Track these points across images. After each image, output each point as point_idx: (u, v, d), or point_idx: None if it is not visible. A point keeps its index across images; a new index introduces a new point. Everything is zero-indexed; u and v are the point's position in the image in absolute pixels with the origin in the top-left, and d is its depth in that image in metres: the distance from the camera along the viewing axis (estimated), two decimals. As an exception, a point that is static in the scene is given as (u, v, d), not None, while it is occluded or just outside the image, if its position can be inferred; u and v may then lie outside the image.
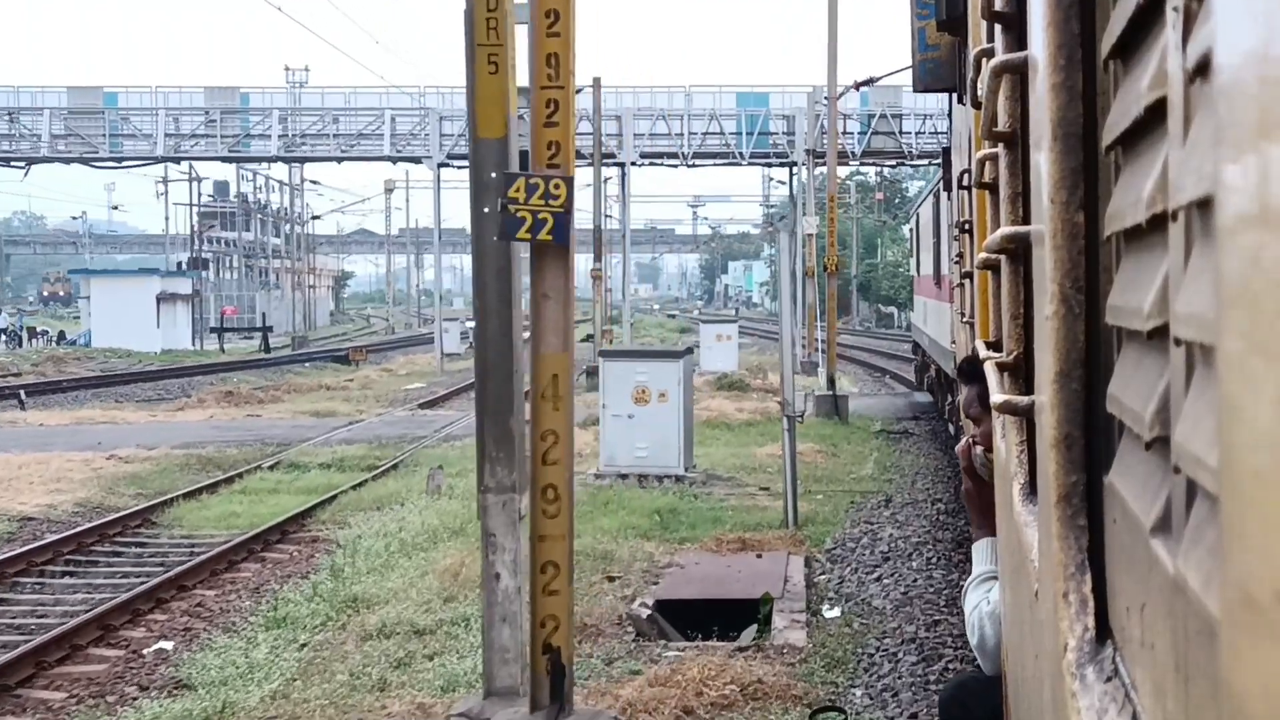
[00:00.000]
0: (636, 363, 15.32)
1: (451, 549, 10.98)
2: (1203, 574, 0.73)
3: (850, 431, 20.79)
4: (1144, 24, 1.01)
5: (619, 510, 12.86)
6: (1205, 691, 0.72)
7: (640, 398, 14.81)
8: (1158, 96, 0.90)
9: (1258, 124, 0.60)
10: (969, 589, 3.47)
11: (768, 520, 12.51)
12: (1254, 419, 0.60)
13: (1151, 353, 0.98)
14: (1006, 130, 2.04)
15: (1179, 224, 0.82)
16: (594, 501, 13.25)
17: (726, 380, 28.96)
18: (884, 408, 25.84)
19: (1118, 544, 1.13)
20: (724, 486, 14.96)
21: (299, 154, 47.01)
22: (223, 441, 20.36)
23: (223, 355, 48.02)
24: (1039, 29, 1.38)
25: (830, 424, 21.53)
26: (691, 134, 43.58)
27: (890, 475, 16.26)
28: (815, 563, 11.01)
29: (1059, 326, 1.28)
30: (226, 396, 28.71)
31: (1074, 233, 1.27)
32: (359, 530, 12.58)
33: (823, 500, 13.94)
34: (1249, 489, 0.61)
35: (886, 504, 13.91)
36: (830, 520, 12.74)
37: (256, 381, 34.20)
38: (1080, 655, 1.18)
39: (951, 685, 4.19)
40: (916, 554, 11.39)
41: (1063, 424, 1.29)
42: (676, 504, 13.35)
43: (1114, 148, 1.14)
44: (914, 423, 22.72)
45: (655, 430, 14.79)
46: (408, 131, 44.35)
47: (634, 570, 10.42)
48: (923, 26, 8.09)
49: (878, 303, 75.93)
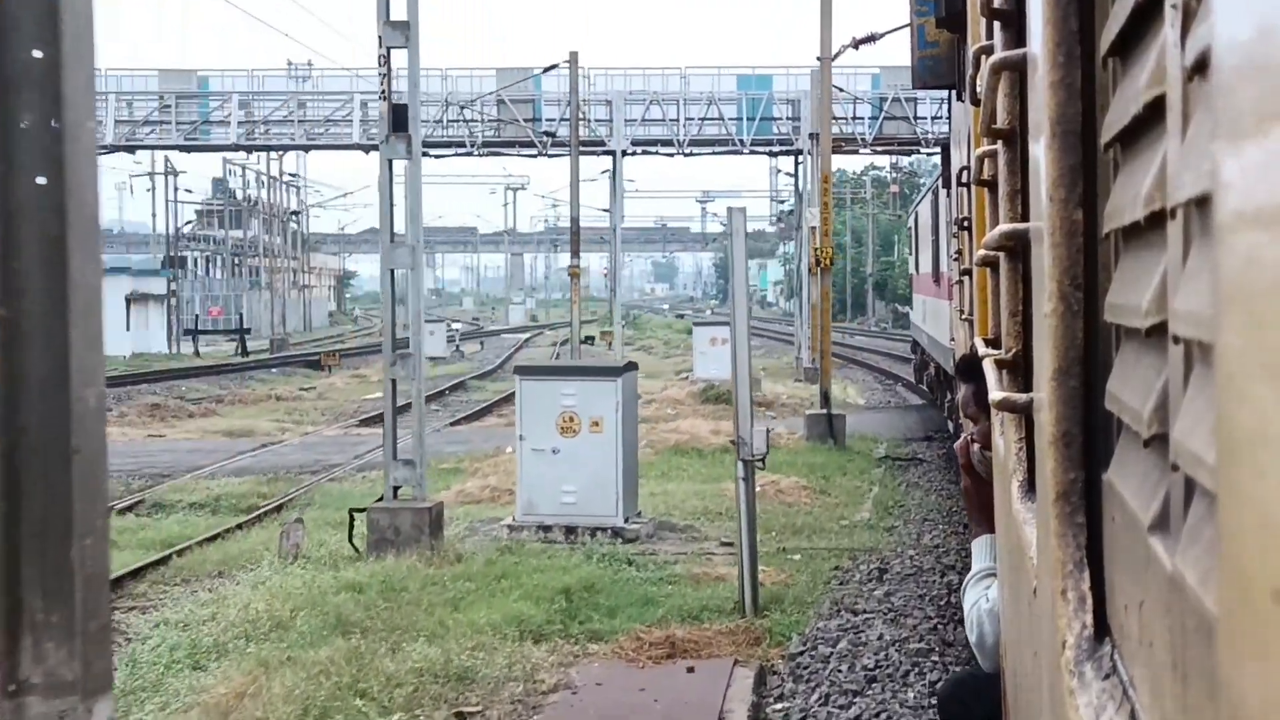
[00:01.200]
0: (562, 382, 12.22)
1: (249, 660, 7.81)
2: (1200, 571, 0.73)
3: (847, 459, 17.55)
4: (1143, 21, 1.01)
5: (513, 590, 9.47)
6: (1203, 689, 0.72)
7: (567, 427, 11.89)
8: (1156, 94, 0.90)
9: (1256, 121, 0.60)
10: (967, 586, 3.47)
11: (718, 601, 9.39)
12: (1252, 416, 0.60)
13: (1150, 350, 0.98)
14: (1005, 127, 2.04)
15: (1177, 221, 0.82)
16: (487, 575, 10.02)
17: (714, 392, 25.10)
18: (892, 425, 22.44)
19: (1116, 541, 1.13)
20: (675, 542, 11.86)
21: (261, 142, 43.47)
22: (92, 472, 17.88)
23: (197, 359, 45.49)
24: (1038, 26, 1.38)
25: (822, 450, 18.12)
26: (688, 119, 40.09)
27: (892, 522, 13.12)
28: (773, 676, 8.05)
29: (1058, 324, 1.28)
30: (152, 411, 25.69)
31: (1073, 230, 1.27)
32: (168, 614, 9.53)
33: (799, 565, 10.81)
34: (1247, 487, 0.61)
35: (880, 576, 10.54)
36: (803, 601, 9.57)
37: (206, 391, 31.43)
38: (1078, 653, 1.18)
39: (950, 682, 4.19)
40: (915, 672, 8.09)
41: (1061, 421, 1.29)
42: (598, 576, 10.02)
43: (1113, 145, 1.14)
44: (926, 445, 19.55)
45: (586, 469, 11.75)
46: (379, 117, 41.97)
47: (501, 700, 7.29)
48: (922, 23, 8.09)
49: (894, 302, 72.80)
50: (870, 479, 16.00)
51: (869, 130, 38.93)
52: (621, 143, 38.46)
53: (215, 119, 42.11)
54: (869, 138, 38.93)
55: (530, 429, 12.04)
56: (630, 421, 12.28)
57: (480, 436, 21.08)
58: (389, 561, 10.51)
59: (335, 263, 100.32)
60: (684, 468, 16.40)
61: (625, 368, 12.68)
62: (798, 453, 17.64)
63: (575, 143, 31.40)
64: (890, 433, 21.06)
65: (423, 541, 10.82)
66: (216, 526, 13.30)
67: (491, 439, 19.88)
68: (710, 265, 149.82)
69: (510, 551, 11.04)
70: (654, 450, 17.40)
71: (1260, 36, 0.59)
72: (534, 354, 46.23)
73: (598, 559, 10.70)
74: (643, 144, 39.94)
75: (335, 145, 42.48)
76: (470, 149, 39.97)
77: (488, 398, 28.66)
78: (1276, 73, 0.57)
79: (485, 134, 40.16)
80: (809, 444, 18.57)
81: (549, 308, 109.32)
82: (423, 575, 9.99)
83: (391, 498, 11.37)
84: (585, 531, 11.70)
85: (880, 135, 38.88)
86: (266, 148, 45.36)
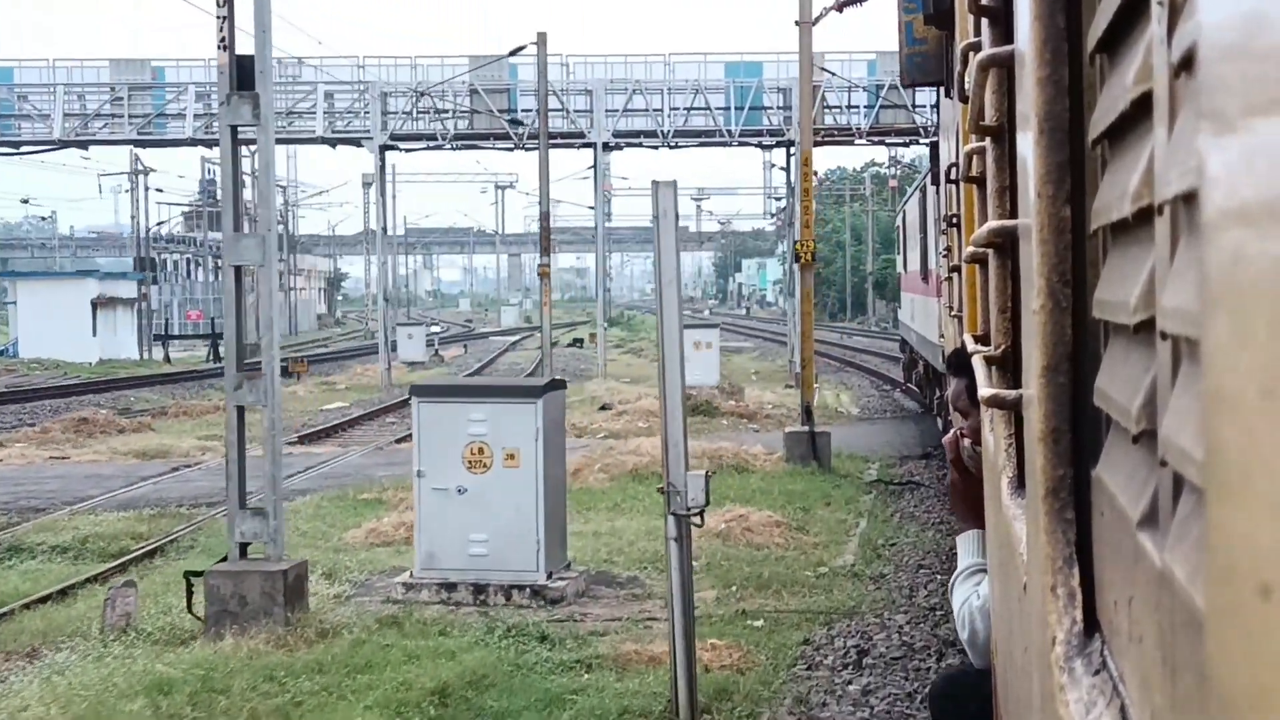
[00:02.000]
0: (469, 405, 9.91)
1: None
2: (1189, 567, 0.73)
3: (832, 485, 15.10)
4: (1129, 18, 1.01)
5: (371, 690, 7.28)
6: (1192, 684, 0.72)
7: (476, 461, 9.70)
8: (1143, 90, 0.90)
9: (1242, 117, 0.60)
10: (956, 582, 3.48)
11: (645, 699, 7.14)
12: (1239, 412, 0.60)
13: (1138, 346, 0.98)
14: (993, 124, 2.04)
15: (1165, 218, 0.83)
16: (347, 663, 7.81)
17: (691, 403, 21.53)
18: (886, 440, 19.97)
19: (1105, 537, 1.13)
20: (610, 602, 9.66)
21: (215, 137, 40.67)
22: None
23: (167, 365, 42.72)
24: (1025, 23, 1.38)
25: (803, 474, 15.59)
26: (673, 110, 37.20)
27: (880, 568, 10.97)
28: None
29: (1046, 320, 1.28)
30: (78, 426, 23.53)
31: (1061, 227, 1.28)
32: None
33: (760, 636, 8.61)
34: (1235, 482, 0.61)
35: (859, 661, 8.21)
36: (756, 698, 7.36)
37: (154, 402, 28.94)
38: (1068, 648, 1.18)
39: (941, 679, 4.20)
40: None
41: (1050, 417, 1.29)
42: (493, 664, 7.77)
43: (1100, 141, 1.14)
44: (924, 465, 17.15)
45: (500, 513, 9.59)
46: (346, 109, 38.10)
47: None
48: (910, 20, 8.11)
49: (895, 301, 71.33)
50: (858, 509, 13.78)
51: (865, 120, 36.40)
52: (603, 134, 36.02)
53: (171, 111, 38.86)
54: (865, 128, 36.42)
55: (430, 463, 9.79)
56: (555, 453, 10.02)
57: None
58: (225, 643, 8.17)
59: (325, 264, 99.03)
60: (640, 498, 13.57)
61: (548, 387, 10.24)
62: (775, 478, 15.31)
63: (544, 130, 28.97)
64: (884, 449, 18.85)
65: (275, 614, 8.58)
66: (69, 577, 10.83)
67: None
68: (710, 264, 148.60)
69: (394, 623, 8.79)
70: (608, 476, 15.27)
71: (1246, 33, 0.60)
72: (518, 359, 44.02)
73: (501, 634, 8.45)
74: (625, 136, 37.49)
75: (300, 138, 39.59)
76: (441, 142, 37.05)
77: None
78: (1262, 69, 0.58)
79: (458, 126, 37.16)
80: (789, 467, 16.06)
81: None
82: (261, 665, 7.76)
83: (238, 557, 9.04)
84: (498, 591, 9.55)
85: (877, 125, 36.29)
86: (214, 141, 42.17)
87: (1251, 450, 0.58)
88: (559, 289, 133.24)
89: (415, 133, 37.26)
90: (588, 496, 14.08)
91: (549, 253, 28.35)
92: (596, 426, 21.78)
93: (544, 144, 28.84)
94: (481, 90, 36.60)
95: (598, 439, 19.87)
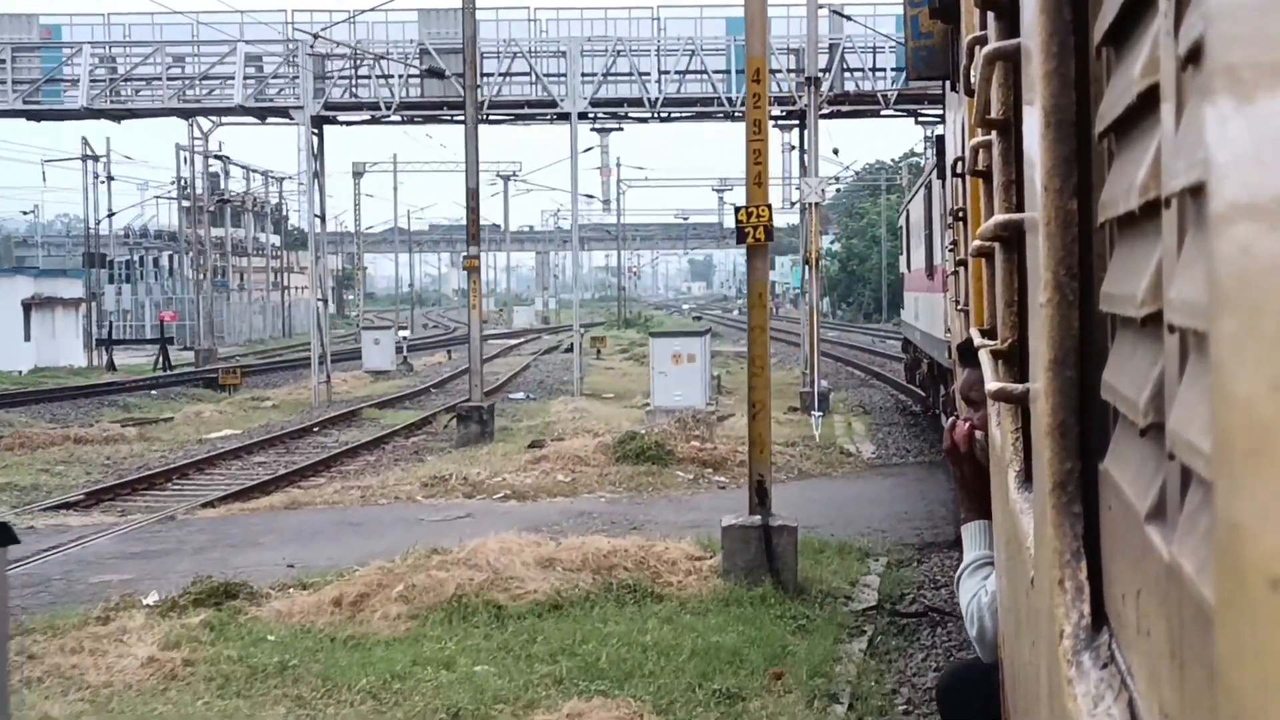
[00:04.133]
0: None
1: None
2: (1197, 560, 0.73)
3: (794, 624, 8.72)
4: (1136, 11, 1.01)
5: None
6: (1200, 678, 0.72)
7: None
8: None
9: (1249, 110, 0.60)
10: (963, 576, 3.47)
11: None
12: (1247, 405, 0.60)
13: (1145, 340, 0.98)
14: (1000, 117, 2.04)
15: (1172, 211, 0.83)
16: None
17: (635, 446, 15.77)
18: (904, 508, 13.20)
19: (1113, 531, 1.13)
20: None
21: (119, 106, 32.85)
22: None
23: (109, 374, 38.03)
24: (1031, 16, 1.38)
25: (747, 602, 9.07)
26: (663, 73, 31.33)
27: None
28: None
29: (1053, 314, 1.28)
30: None
31: (1067, 220, 1.27)
32: None
33: None
34: (1243, 475, 0.61)
35: None
36: None
37: (19, 425, 24.78)
38: (1076, 642, 1.18)
39: (949, 674, 4.20)
40: None
41: (1057, 411, 1.29)
42: None
43: (1107, 135, 1.14)
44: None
45: None
46: (272, 73, 32.45)
47: None
48: (916, 14, 8.10)
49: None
50: (831, 685, 7.50)
51: (891, 84, 30.76)
52: (578, 103, 29.72)
53: (66, 76, 32.97)
54: (891, 94, 30.78)
55: None
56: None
57: (241, 535, 13.04)
58: None
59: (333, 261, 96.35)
60: (431, 664, 7.78)
61: None
62: (694, 612, 8.85)
63: (472, 100, 22.75)
64: (899, 524, 12.32)
65: None
66: None
67: (232, 545, 12.37)
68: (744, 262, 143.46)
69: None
70: (409, 609, 8.92)
71: (1253, 24, 0.59)
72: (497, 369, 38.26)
73: None
74: (604, 105, 32.07)
75: (216, 109, 33.81)
76: (386, 112, 31.18)
77: (348, 439, 22.61)
78: (1269, 60, 0.57)
79: (408, 93, 31.06)
80: (725, 585, 9.42)
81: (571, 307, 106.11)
82: None
83: None
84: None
85: (907, 90, 29.55)
86: (125, 112, 33.50)
87: (1260, 443, 0.58)
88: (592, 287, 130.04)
89: (356, 101, 31.70)
90: (336, 667, 7.76)
91: (477, 241, 22.44)
92: (500, 481, 15.39)
93: (471, 107, 22.72)
94: (433, 50, 31.05)
95: (492, 499, 14.44)
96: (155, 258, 62.87)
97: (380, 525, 13.12)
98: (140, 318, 52.13)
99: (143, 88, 33.34)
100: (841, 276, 79.66)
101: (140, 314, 52.76)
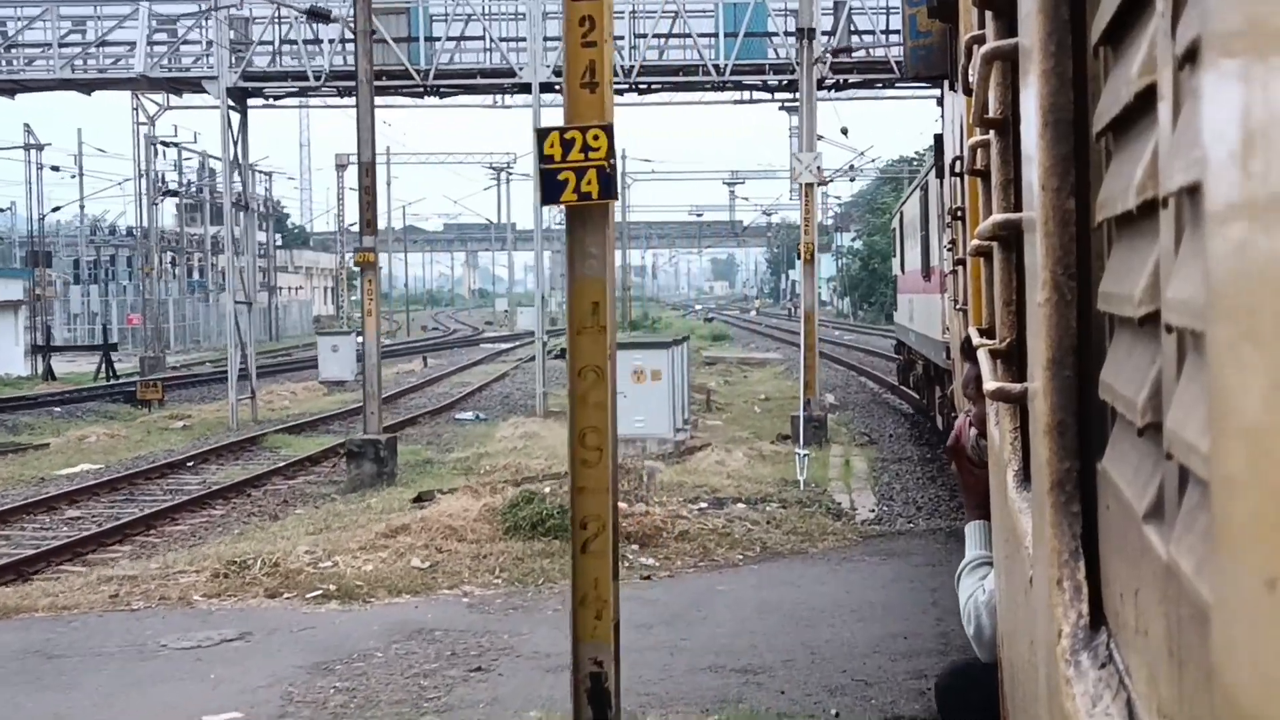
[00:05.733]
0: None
1: None
2: (1195, 560, 0.73)
3: None
4: (1133, 10, 1.01)
5: None
6: (1198, 677, 0.72)
7: None
8: (1147, 83, 0.90)
9: (1246, 110, 0.60)
10: (962, 574, 3.47)
11: None
12: (1245, 405, 0.60)
13: (1143, 339, 0.98)
14: (998, 117, 2.04)
15: (1169, 210, 0.83)
16: None
17: (534, 512, 11.29)
18: (896, 630, 8.26)
19: (1111, 530, 1.13)
20: None
21: (8, 79, 27.94)
22: None
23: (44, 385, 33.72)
24: (1029, 15, 1.38)
25: None
26: (639, 37, 26.21)
27: None
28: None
29: (1051, 313, 1.28)
30: None
31: (1065, 219, 1.27)
32: None
33: None
34: (1240, 475, 0.61)
35: None
36: None
37: None
38: (1074, 642, 1.18)
39: (947, 673, 4.19)
40: None
41: (1055, 411, 1.29)
42: None
43: (1104, 134, 1.14)
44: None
45: None
46: (182, 39, 27.64)
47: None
48: (914, 13, 8.11)
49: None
50: None
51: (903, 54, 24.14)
52: (540, 71, 24.76)
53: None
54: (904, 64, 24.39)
55: None
56: None
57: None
58: None
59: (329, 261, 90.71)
60: None
61: None
62: None
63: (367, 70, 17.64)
64: (897, 658, 7.69)
65: None
66: None
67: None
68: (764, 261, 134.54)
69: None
70: None
71: (1250, 25, 0.59)
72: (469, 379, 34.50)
73: None
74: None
75: (115, 81, 27.96)
76: (315, 83, 26.13)
77: (219, 479, 17.90)
78: (1266, 61, 0.57)
79: (345, 60, 24.92)
80: None
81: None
82: None
83: None
84: None
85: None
86: (10, 86, 28.44)
87: (1257, 442, 0.58)
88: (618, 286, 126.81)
89: (280, 70, 26.56)
90: None
91: (374, 231, 17.95)
92: (328, 569, 10.41)
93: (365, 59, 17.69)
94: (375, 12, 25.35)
95: (303, 601, 9.62)
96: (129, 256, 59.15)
97: (87, 661, 8.28)
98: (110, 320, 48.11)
99: (37, 56, 28.10)
100: (863, 275, 77.58)
101: (110, 316, 49.49)
